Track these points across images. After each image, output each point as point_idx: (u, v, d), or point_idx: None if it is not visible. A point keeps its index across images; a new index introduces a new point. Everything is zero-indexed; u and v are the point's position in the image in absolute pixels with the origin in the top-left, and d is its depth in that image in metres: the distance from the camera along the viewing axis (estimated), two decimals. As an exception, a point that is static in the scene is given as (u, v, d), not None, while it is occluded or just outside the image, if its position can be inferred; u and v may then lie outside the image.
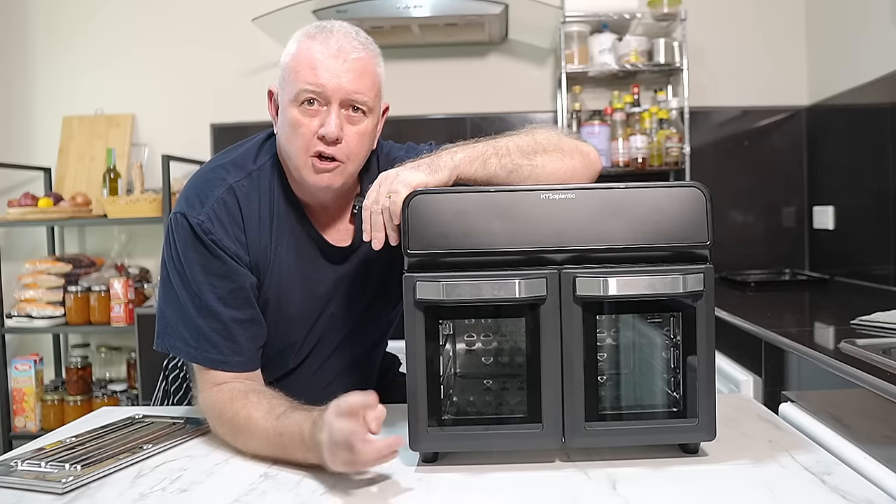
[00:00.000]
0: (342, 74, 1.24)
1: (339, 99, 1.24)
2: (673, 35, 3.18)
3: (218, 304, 1.24)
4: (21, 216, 3.13)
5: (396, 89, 3.36)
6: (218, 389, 1.23)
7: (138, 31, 3.50)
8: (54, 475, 1.07)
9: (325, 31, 1.27)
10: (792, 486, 1.01)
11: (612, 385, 1.26)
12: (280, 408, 1.16)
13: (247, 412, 1.17)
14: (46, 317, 3.14)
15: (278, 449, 1.13)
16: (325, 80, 1.23)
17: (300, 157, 1.26)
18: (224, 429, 1.21)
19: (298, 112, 1.25)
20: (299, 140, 1.25)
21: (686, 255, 1.10)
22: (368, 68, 1.27)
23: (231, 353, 1.25)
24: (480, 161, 1.20)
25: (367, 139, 1.30)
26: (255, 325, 1.29)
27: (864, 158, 2.77)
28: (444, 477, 1.08)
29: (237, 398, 1.20)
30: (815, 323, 2.15)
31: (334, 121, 1.24)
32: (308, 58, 1.24)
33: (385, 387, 1.63)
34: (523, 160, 1.23)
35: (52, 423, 3.17)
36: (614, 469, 1.09)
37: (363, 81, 1.26)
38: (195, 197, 1.27)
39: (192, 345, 1.25)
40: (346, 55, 1.25)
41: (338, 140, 1.24)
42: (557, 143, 1.28)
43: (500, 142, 1.24)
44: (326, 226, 1.37)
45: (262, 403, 1.18)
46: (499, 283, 1.07)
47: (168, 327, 1.27)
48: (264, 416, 1.15)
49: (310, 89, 1.23)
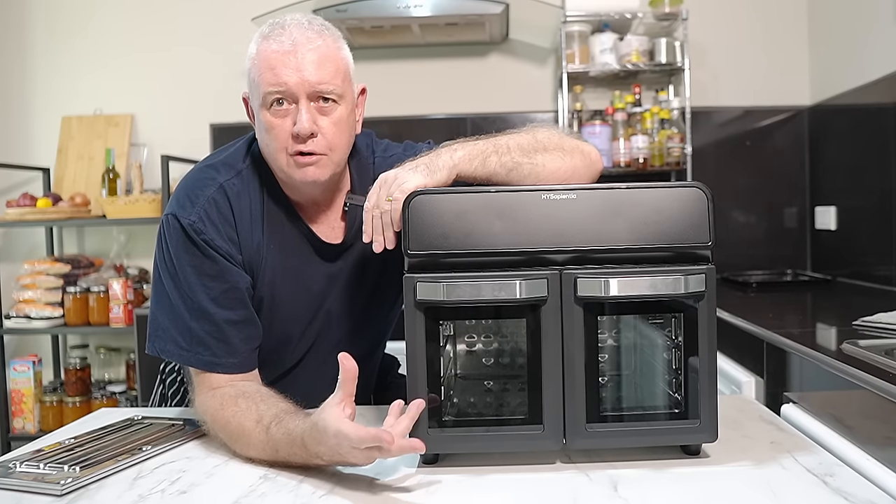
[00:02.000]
0: (302, 68, 1.22)
1: (305, 93, 1.22)
2: (674, 35, 3.17)
3: (211, 305, 1.23)
4: (19, 216, 3.13)
5: (396, 89, 3.39)
6: (211, 395, 1.22)
7: (137, 30, 3.49)
8: (53, 477, 1.06)
9: (277, 28, 1.25)
10: (794, 488, 1.00)
11: (613, 386, 1.25)
12: (268, 416, 1.13)
13: (237, 421, 1.16)
14: (45, 318, 3.14)
15: (276, 456, 1.12)
16: (286, 77, 1.21)
17: (281, 159, 1.26)
18: (221, 434, 1.20)
19: (270, 115, 1.24)
20: (276, 142, 1.25)
21: (688, 255, 1.09)
22: (329, 55, 1.25)
23: (224, 354, 1.24)
24: (480, 159, 1.19)
25: (344, 127, 1.28)
26: (249, 325, 1.28)
27: (866, 158, 2.76)
28: (445, 478, 1.08)
29: (227, 405, 1.19)
30: (817, 324, 2.15)
31: (304, 116, 1.22)
32: (266, 59, 1.23)
33: (384, 388, 1.62)
34: (524, 158, 1.22)
35: (50, 424, 3.16)
36: (615, 470, 1.08)
37: (325, 70, 1.23)
38: (186, 197, 1.26)
39: (184, 347, 1.24)
40: (302, 48, 1.22)
41: (313, 135, 1.23)
42: (558, 141, 1.27)
43: (501, 140, 1.23)
44: (318, 223, 1.36)
45: (251, 411, 1.16)
46: (499, 283, 1.07)
47: (160, 330, 1.26)
48: (255, 427, 1.13)
49: (274, 91, 1.22)
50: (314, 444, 1.04)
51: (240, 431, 1.15)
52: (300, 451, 1.07)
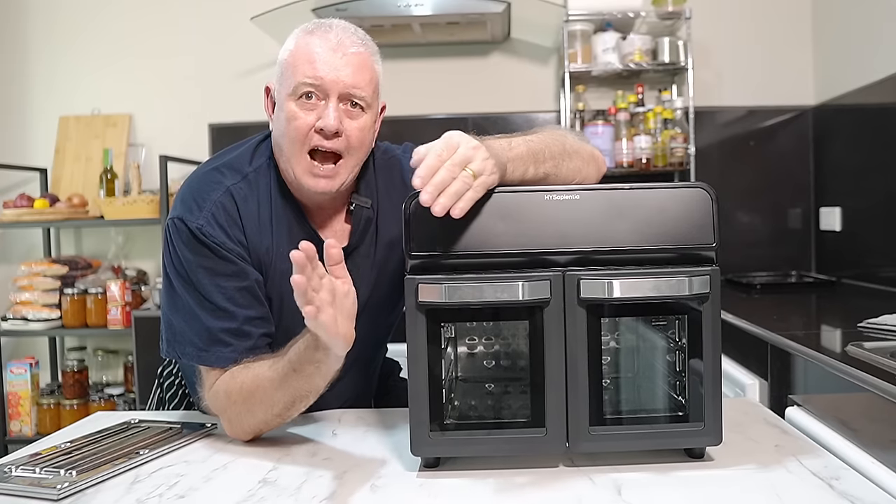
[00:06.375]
0: (341, 68, 1.23)
1: (338, 92, 1.24)
2: (677, 34, 3.16)
3: (228, 305, 1.24)
4: (17, 217, 3.11)
5: (397, 89, 3.37)
6: (222, 378, 1.23)
7: (136, 30, 3.48)
8: (49, 481, 1.05)
9: (323, 26, 1.27)
10: (800, 492, 0.99)
11: (616, 389, 1.25)
12: (278, 355, 1.18)
13: (252, 374, 1.19)
14: (42, 319, 3.13)
15: (296, 380, 1.14)
16: (324, 73, 1.23)
17: (296, 154, 1.25)
18: (238, 407, 1.20)
19: (296, 106, 1.25)
20: (295, 133, 1.24)
21: (692, 256, 1.08)
22: (367, 63, 1.27)
23: (245, 350, 1.24)
24: (521, 170, 1.15)
25: (366, 134, 1.29)
26: (266, 322, 1.29)
27: (871, 159, 2.75)
28: (447, 482, 1.07)
29: (238, 373, 1.21)
30: (822, 326, 2.14)
31: (333, 113, 1.23)
32: (306, 52, 1.24)
33: (385, 392, 1.62)
34: (555, 168, 1.20)
35: (48, 427, 3.15)
36: (619, 474, 1.07)
37: (362, 76, 1.25)
38: (192, 201, 1.27)
39: (202, 349, 1.24)
40: (344, 49, 1.25)
41: (337, 133, 1.24)
42: (578, 147, 1.26)
43: (535, 145, 1.18)
44: (323, 226, 1.36)
45: (261, 362, 1.20)
46: (502, 285, 1.05)
47: (177, 334, 1.26)
48: (269, 367, 1.17)
49: (308, 82, 1.23)
50: (309, 338, 1.09)
51: (255, 383, 1.18)
52: (305, 354, 1.11)
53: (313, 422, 1.35)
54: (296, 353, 1.13)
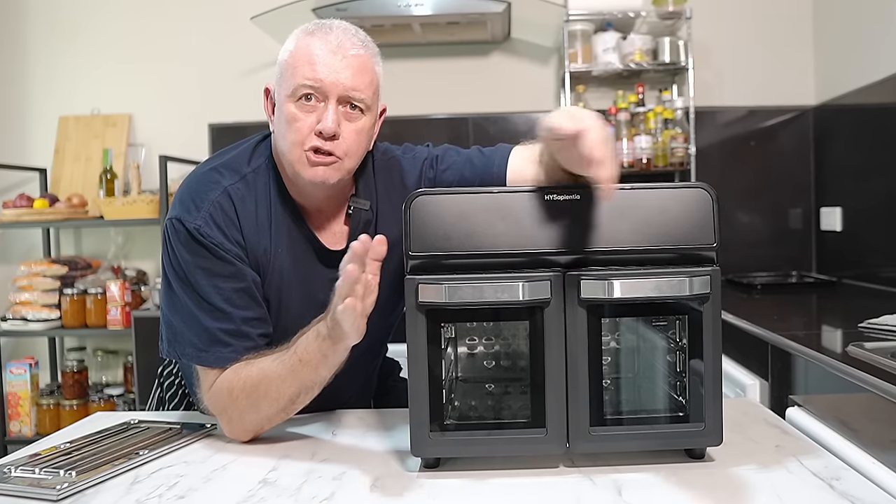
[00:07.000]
0: (340, 70, 1.23)
1: (337, 95, 1.23)
2: (678, 34, 3.16)
3: (226, 306, 1.23)
4: (16, 217, 3.11)
5: (397, 89, 3.36)
6: (223, 374, 1.23)
7: (135, 30, 3.48)
8: (49, 482, 1.05)
9: (324, 28, 1.27)
10: (800, 492, 0.99)
11: (616, 389, 1.25)
12: (282, 349, 1.20)
13: (257, 369, 1.19)
14: (42, 320, 3.12)
15: (303, 372, 1.15)
16: (324, 75, 1.22)
17: (294, 152, 1.25)
18: (240, 403, 1.20)
19: (295, 107, 1.24)
20: (294, 134, 1.24)
21: (692, 257, 1.08)
22: (367, 66, 1.27)
23: (245, 350, 1.24)
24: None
25: (364, 137, 1.29)
26: (263, 323, 1.28)
27: (872, 159, 2.75)
28: (447, 483, 1.06)
29: (240, 369, 1.22)
30: (823, 326, 2.14)
31: (331, 116, 1.23)
32: (307, 53, 1.24)
33: (385, 392, 1.62)
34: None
35: (47, 427, 3.15)
36: (620, 475, 1.07)
37: (361, 78, 1.25)
38: (190, 201, 1.26)
39: (202, 349, 1.24)
40: (345, 51, 1.24)
41: (335, 136, 1.23)
42: None
43: None
44: (322, 228, 1.36)
45: (264, 358, 1.21)
46: (502, 285, 1.05)
47: (176, 335, 1.26)
48: (274, 360, 1.18)
49: (308, 84, 1.23)
50: (321, 328, 1.12)
51: (261, 376, 1.18)
52: (315, 343, 1.12)
53: (313, 422, 1.35)
54: (304, 344, 1.15)
